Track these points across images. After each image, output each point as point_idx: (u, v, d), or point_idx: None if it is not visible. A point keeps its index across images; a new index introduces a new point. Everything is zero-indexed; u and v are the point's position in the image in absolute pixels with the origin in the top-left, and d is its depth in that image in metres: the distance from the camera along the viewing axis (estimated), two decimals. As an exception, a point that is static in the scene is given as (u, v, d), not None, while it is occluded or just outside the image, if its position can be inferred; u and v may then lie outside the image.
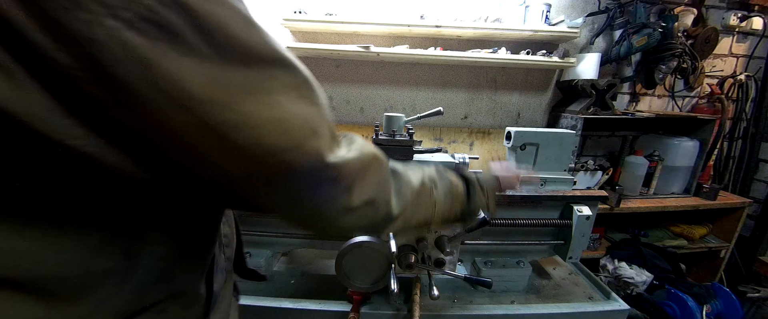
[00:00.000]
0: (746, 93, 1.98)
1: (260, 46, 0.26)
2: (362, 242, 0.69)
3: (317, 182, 0.31)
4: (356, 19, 1.54)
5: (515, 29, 1.60)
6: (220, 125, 0.25)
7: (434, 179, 0.49)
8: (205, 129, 0.24)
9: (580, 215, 0.85)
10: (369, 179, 0.37)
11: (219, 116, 0.24)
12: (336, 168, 0.32)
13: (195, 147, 0.25)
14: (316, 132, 0.30)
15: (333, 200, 0.34)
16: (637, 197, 1.76)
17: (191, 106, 0.23)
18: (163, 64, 0.22)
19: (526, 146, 0.90)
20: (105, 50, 0.21)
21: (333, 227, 0.36)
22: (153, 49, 0.22)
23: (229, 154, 0.26)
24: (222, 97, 0.24)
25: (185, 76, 0.23)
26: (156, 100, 0.23)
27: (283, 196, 0.31)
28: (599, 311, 0.83)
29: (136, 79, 0.22)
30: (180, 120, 0.24)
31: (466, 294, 0.88)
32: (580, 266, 1.03)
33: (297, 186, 0.30)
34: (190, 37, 0.23)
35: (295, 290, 0.87)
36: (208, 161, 0.27)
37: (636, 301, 1.49)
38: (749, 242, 2.02)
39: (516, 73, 1.87)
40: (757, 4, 1.87)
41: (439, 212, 0.49)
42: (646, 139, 1.87)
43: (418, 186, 0.45)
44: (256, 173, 0.28)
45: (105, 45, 0.20)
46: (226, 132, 0.25)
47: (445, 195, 0.50)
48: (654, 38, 1.63)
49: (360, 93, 1.83)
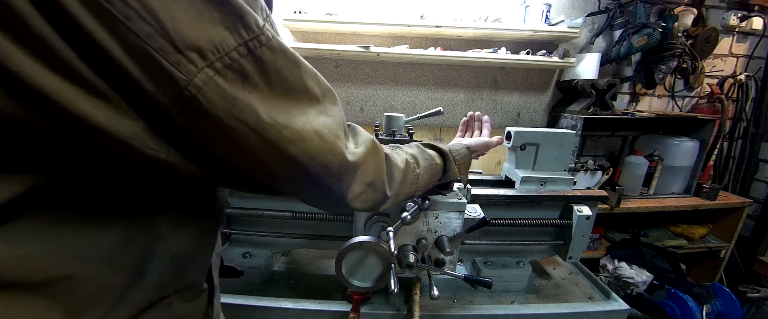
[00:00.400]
0: (746, 93, 1.98)
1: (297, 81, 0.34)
2: (362, 242, 0.69)
3: (341, 175, 0.39)
4: (356, 19, 1.54)
5: (515, 29, 1.60)
6: (279, 141, 0.32)
7: (416, 156, 0.57)
8: (269, 145, 0.31)
9: (580, 215, 0.85)
10: (370, 167, 0.43)
11: (278, 135, 0.31)
12: (353, 163, 0.39)
13: (259, 158, 0.32)
14: (339, 136, 0.38)
15: (349, 187, 0.41)
16: (637, 197, 1.76)
17: (261, 129, 0.30)
18: (243, 99, 0.29)
19: (526, 146, 0.90)
20: (201, 94, 0.26)
21: (346, 208, 0.43)
22: (235, 88, 0.28)
23: (283, 162, 0.33)
24: (280, 119, 0.31)
25: (255, 106, 0.29)
26: (236, 126, 0.29)
27: (317, 188, 0.38)
28: (599, 311, 0.83)
29: (223, 113, 0.28)
30: (253, 140, 0.30)
31: (466, 294, 0.88)
32: (580, 266, 1.03)
33: (328, 180, 0.37)
34: (256, 78, 0.29)
35: (295, 290, 0.87)
36: (265, 169, 0.34)
37: (636, 301, 1.49)
38: (749, 242, 2.02)
39: (516, 73, 1.87)
40: (757, 4, 1.87)
41: (421, 185, 0.57)
42: (646, 139, 1.87)
43: (403, 166, 0.52)
44: (300, 173, 0.35)
45: (201, 89, 0.26)
46: (284, 146, 0.32)
47: (426, 169, 0.58)
48: (654, 38, 1.63)
49: (360, 93, 1.83)
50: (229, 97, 0.28)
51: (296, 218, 0.82)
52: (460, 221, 0.72)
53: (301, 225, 0.85)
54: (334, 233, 0.86)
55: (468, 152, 0.69)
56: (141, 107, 0.26)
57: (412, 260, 0.68)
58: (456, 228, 0.73)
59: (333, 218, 0.82)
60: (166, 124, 0.28)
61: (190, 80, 0.26)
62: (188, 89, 0.26)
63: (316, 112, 0.36)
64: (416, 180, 0.55)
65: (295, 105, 0.33)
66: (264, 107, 0.30)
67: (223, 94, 0.27)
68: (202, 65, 0.26)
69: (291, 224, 0.86)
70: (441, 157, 0.62)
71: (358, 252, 0.71)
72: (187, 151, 0.30)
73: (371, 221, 0.74)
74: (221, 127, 0.29)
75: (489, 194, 0.86)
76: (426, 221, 0.72)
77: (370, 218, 0.74)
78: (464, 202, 0.72)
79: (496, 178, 0.99)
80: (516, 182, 0.90)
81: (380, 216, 0.73)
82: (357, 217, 0.75)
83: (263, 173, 0.34)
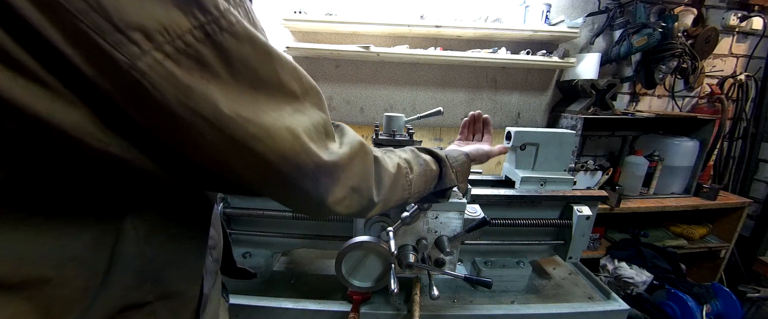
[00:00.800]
0: (746, 93, 1.98)
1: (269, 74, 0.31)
2: (362, 242, 0.69)
3: (318, 178, 0.35)
4: (356, 19, 1.54)
5: (515, 29, 1.60)
6: (243, 138, 0.29)
7: (410, 161, 0.54)
8: (231, 142, 0.28)
9: (580, 215, 0.85)
10: (355, 169, 0.41)
11: (242, 130, 0.28)
12: (332, 163, 0.36)
13: (220, 156, 0.29)
14: (317, 136, 0.35)
15: (328, 191, 0.38)
16: (637, 197, 1.76)
17: (220, 123, 0.27)
18: (199, 89, 0.26)
19: (526, 146, 0.90)
20: (146, 79, 0.24)
21: (327, 212, 0.40)
22: (190, 76, 0.25)
23: (249, 161, 0.30)
24: (244, 113, 0.28)
25: (215, 98, 0.27)
26: (191, 119, 0.26)
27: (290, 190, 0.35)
28: (599, 311, 0.83)
29: (174, 103, 0.25)
30: (211, 136, 0.27)
31: (466, 294, 0.88)
32: (580, 266, 1.03)
33: (302, 183, 0.34)
34: (216, 66, 0.27)
35: (295, 290, 0.87)
36: (229, 168, 0.31)
37: (636, 301, 1.49)
38: (749, 242, 2.02)
39: (516, 73, 1.87)
40: (757, 4, 1.87)
41: (415, 192, 0.54)
42: (646, 139, 1.87)
43: (395, 171, 0.49)
44: (272, 175, 0.32)
45: (146, 74, 0.24)
46: (249, 143, 0.29)
47: (420, 175, 0.55)
48: (654, 38, 1.63)
49: (360, 93, 1.83)
50: (182, 85, 0.25)
51: (296, 218, 0.82)
52: (460, 221, 0.72)
53: (301, 225, 0.85)
54: (334, 233, 0.86)
55: (466, 159, 0.66)
56: (84, 94, 0.24)
57: (412, 260, 0.68)
58: (456, 228, 0.73)
59: (333, 218, 0.82)
60: (118, 116, 0.25)
61: (132, 64, 0.23)
62: (131, 74, 0.23)
63: (293, 110, 0.33)
64: (409, 186, 0.53)
65: (265, 100, 0.30)
66: (226, 99, 0.27)
67: (174, 82, 0.25)
68: (147, 47, 0.23)
69: (291, 224, 0.86)
70: (437, 162, 0.59)
71: (358, 252, 0.71)
72: (145, 148, 0.28)
73: (371, 221, 0.74)
74: (174, 119, 0.26)
75: (489, 194, 0.86)
76: (426, 221, 0.72)
77: (369, 218, 0.74)
78: (464, 202, 0.72)
79: (496, 178, 0.99)
80: (516, 182, 0.90)
81: (380, 216, 0.73)
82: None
83: (229, 173, 0.31)
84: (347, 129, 0.44)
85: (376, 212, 0.48)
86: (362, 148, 0.42)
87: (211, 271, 0.47)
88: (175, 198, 0.38)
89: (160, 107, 0.25)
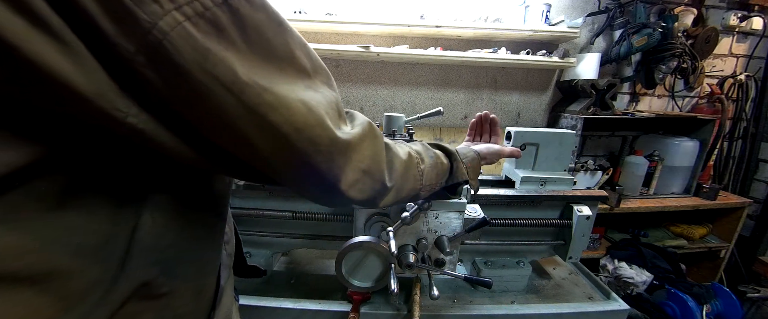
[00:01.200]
0: (746, 93, 1.98)
1: (282, 47, 0.31)
2: (362, 242, 0.69)
3: (332, 155, 0.35)
4: (356, 19, 1.54)
5: (515, 29, 1.60)
6: (259, 106, 0.28)
7: (420, 152, 0.53)
8: (247, 110, 0.28)
9: (580, 215, 0.85)
10: (366, 152, 0.40)
11: (258, 98, 0.28)
12: (346, 141, 0.36)
13: (235, 126, 0.29)
14: (328, 113, 0.34)
15: (341, 171, 0.37)
16: (637, 197, 1.76)
17: (237, 89, 0.27)
18: (217, 53, 0.26)
19: (526, 146, 0.90)
20: (167, 39, 0.23)
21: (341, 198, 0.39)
22: (208, 40, 0.25)
23: (264, 132, 0.30)
24: (261, 81, 0.28)
25: (232, 63, 0.27)
26: (209, 83, 0.26)
27: (303, 170, 0.34)
28: (599, 311, 0.83)
29: (193, 66, 0.25)
30: (227, 101, 0.27)
31: (466, 294, 0.88)
32: (580, 266, 1.03)
33: (316, 159, 0.34)
34: (232, 32, 0.27)
35: (295, 290, 0.87)
36: (244, 139, 0.30)
37: (636, 301, 1.49)
38: (749, 242, 2.02)
39: (516, 73, 1.87)
40: (757, 4, 1.87)
41: (426, 183, 0.53)
42: (646, 139, 1.87)
43: (406, 158, 0.49)
44: (284, 148, 0.31)
45: (168, 35, 0.23)
46: (265, 112, 0.29)
47: (431, 167, 0.54)
48: (654, 38, 1.63)
49: (360, 93, 1.83)
50: (201, 47, 0.25)
51: (296, 218, 0.82)
52: (460, 221, 0.72)
53: (301, 225, 0.85)
54: (334, 233, 0.86)
55: (477, 156, 0.66)
56: (105, 57, 0.23)
57: (412, 260, 0.68)
58: (456, 228, 0.73)
59: (333, 218, 0.82)
60: (137, 84, 0.25)
61: (154, 23, 0.23)
62: (153, 34, 0.23)
63: (305, 86, 0.32)
64: (421, 177, 0.51)
65: (278, 73, 0.30)
66: (242, 67, 0.27)
67: (193, 44, 0.24)
68: (169, 7, 0.23)
69: (291, 224, 0.86)
70: (447, 157, 0.59)
71: (358, 252, 0.71)
72: (163, 120, 0.27)
73: (371, 221, 0.74)
74: (192, 84, 0.25)
75: (489, 194, 0.86)
76: (426, 221, 0.72)
77: (370, 218, 0.74)
78: (464, 202, 0.72)
79: (496, 178, 0.99)
80: (516, 182, 0.90)
81: (380, 216, 0.73)
82: (357, 217, 0.75)
83: (243, 147, 0.31)
84: (357, 113, 0.43)
85: (390, 199, 0.47)
86: (372, 131, 0.41)
87: (226, 264, 0.47)
88: (192, 186, 0.37)
89: (180, 71, 0.25)
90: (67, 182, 0.26)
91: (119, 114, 0.24)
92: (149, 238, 0.32)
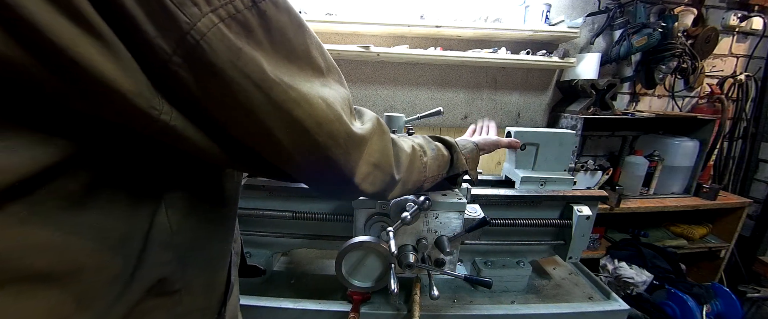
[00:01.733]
0: (746, 93, 1.98)
1: (301, 46, 0.32)
2: (362, 242, 0.69)
3: (349, 148, 0.37)
4: (356, 19, 1.54)
5: (515, 29, 1.60)
6: (285, 102, 0.30)
7: (422, 145, 0.56)
8: (274, 106, 0.30)
9: (580, 215, 0.85)
10: (375, 146, 0.42)
11: (284, 94, 0.30)
12: (361, 136, 0.38)
13: (262, 121, 0.30)
14: (344, 109, 0.36)
15: (356, 165, 0.39)
16: (637, 197, 1.76)
17: (266, 86, 0.28)
18: (248, 52, 0.27)
19: (526, 146, 0.90)
20: (205, 40, 0.24)
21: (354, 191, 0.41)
22: (239, 40, 0.26)
23: (289, 127, 0.31)
24: (285, 79, 0.30)
25: (260, 62, 0.28)
26: (241, 81, 0.27)
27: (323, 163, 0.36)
28: (599, 311, 0.83)
29: (226, 65, 0.26)
30: (257, 99, 0.28)
31: (466, 294, 0.88)
32: (580, 266, 1.03)
33: (335, 153, 0.36)
34: (260, 33, 0.28)
35: (295, 290, 0.87)
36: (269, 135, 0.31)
37: (636, 301, 1.49)
38: (749, 242, 2.02)
39: (516, 73, 1.87)
40: (757, 4, 1.87)
41: (429, 175, 0.56)
42: (646, 139, 1.86)
43: (410, 152, 0.51)
44: (307, 142, 0.33)
45: (205, 36, 0.24)
46: (291, 107, 0.30)
47: (433, 159, 0.56)
48: (654, 38, 1.63)
49: (360, 93, 1.83)
50: (234, 47, 0.26)
51: (296, 218, 0.82)
52: (460, 221, 0.72)
53: (301, 225, 0.85)
54: (334, 233, 0.86)
55: (475, 147, 0.69)
56: (143, 58, 0.24)
57: (412, 260, 0.68)
58: (456, 228, 0.73)
59: (333, 218, 0.82)
60: (169, 82, 0.26)
61: (193, 24, 0.24)
62: (191, 35, 0.24)
63: (320, 83, 0.34)
64: (424, 168, 0.54)
65: (298, 71, 0.32)
66: (269, 65, 0.29)
67: (227, 44, 0.26)
68: (206, 10, 0.24)
69: (291, 224, 0.86)
70: (447, 148, 0.62)
71: (358, 252, 0.71)
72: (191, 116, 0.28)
73: (371, 221, 0.74)
74: (225, 81, 0.27)
75: (489, 194, 0.86)
76: (426, 221, 0.72)
77: (369, 218, 0.74)
78: (464, 202, 0.72)
79: (496, 178, 0.99)
80: (516, 182, 0.90)
81: (380, 216, 0.73)
82: (357, 217, 0.75)
83: (268, 143, 0.32)
84: (364, 109, 0.45)
85: (397, 192, 0.50)
86: (381, 126, 0.44)
87: (234, 263, 0.49)
88: (206, 183, 0.38)
89: (214, 70, 0.26)
90: (91, 179, 0.27)
91: (154, 112, 0.25)
92: (165, 234, 0.33)
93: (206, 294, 0.41)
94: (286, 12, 0.30)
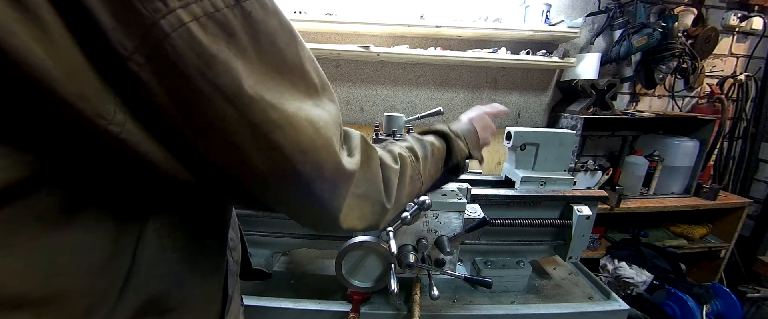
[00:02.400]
0: (746, 93, 1.98)
1: (294, 58, 0.28)
2: (362, 242, 0.69)
3: (336, 182, 0.33)
4: (356, 19, 1.54)
5: (515, 29, 1.60)
6: (263, 123, 0.26)
7: (413, 148, 0.50)
8: (249, 126, 0.25)
9: (580, 215, 0.85)
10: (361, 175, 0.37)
11: (263, 114, 0.25)
12: (350, 172, 0.34)
13: (233, 143, 0.26)
14: (335, 134, 0.32)
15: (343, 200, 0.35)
16: (637, 197, 1.76)
17: (240, 103, 0.24)
18: (223, 60, 0.23)
19: (526, 146, 0.90)
20: (168, 41, 0.21)
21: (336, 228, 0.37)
22: (215, 45, 0.23)
23: (265, 152, 0.27)
24: (267, 96, 0.26)
25: (238, 73, 0.24)
26: (209, 93, 0.23)
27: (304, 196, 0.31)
28: (599, 311, 0.83)
29: (194, 72, 0.22)
30: (227, 115, 0.24)
31: (466, 294, 0.88)
32: (580, 266, 1.03)
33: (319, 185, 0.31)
34: (243, 38, 0.24)
35: (295, 290, 0.87)
36: (241, 158, 0.27)
37: (636, 301, 1.49)
38: (749, 242, 2.02)
39: (516, 73, 1.87)
40: (757, 4, 1.87)
41: (425, 178, 0.51)
42: (646, 139, 1.86)
43: (398, 166, 0.45)
44: (286, 171, 0.29)
45: (169, 36, 0.21)
46: (268, 130, 0.26)
47: (426, 159, 0.51)
48: (654, 38, 1.63)
49: (360, 93, 1.83)
50: (205, 53, 0.22)
51: (296, 218, 0.82)
52: (460, 221, 0.72)
53: (301, 225, 0.85)
54: (334, 233, 0.86)
55: (469, 122, 0.62)
56: (96, 55, 0.20)
57: (412, 260, 0.68)
58: (456, 228, 0.73)
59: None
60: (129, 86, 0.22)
61: (156, 21, 0.20)
62: (153, 32, 0.20)
63: (313, 103, 0.30)
64: (418, 175, 0.49)
65: (289, 88, 0.27)
66: (249, 78, 0.24)
67: (197, 49, 0.22)
68: (174, 5, 0.21)
69: (291, 224, 0.86)
70: (441, 139, 0.56)
71: (358, 252, 0.71)
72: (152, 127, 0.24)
73: (371, 221, 0.73)
74: (191, 92, 0.23)
75: (489, 194, 0.86)
76: (426, 221, 0.72)
77: (370, 218, 0.74)
78: (464, 202, 0.72)
79: (496, 178, 0.99)
80: (516, 182, 0.90)
81: (380, 216, 0.73)
82: (357, 217, 0.75)
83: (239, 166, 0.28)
84: (350, 130, 0.40)
85: (391, 217, 0.45)
86: (367, 151, 0.39)
87: (233, 272, 0.47)
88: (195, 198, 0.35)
89: (178, 75, 0.22)
90: (66, 198, 0.24)
91: (101, 122, 0.21)
92: (155, 253, 0.31)
93: (204, 310, 0.39)
94: (275, 16, 0.26)
